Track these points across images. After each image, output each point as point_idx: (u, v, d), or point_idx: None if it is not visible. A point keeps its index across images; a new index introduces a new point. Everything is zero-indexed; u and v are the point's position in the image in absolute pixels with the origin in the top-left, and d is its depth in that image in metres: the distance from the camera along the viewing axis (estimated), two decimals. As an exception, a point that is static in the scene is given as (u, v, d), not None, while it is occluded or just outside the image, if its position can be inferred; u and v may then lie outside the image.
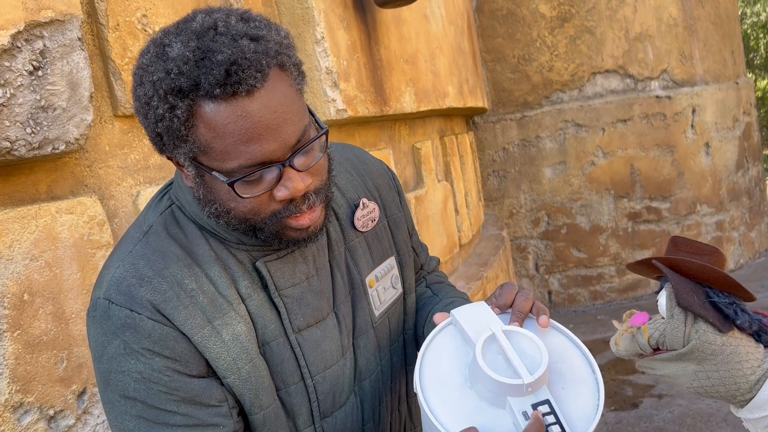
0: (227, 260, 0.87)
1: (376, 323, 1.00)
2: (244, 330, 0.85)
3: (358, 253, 0.99)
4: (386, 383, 1.04)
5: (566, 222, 5.50)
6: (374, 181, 1.07)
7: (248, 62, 0.73)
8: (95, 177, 1.47)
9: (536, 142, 5.48)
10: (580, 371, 0.85)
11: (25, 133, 1.21)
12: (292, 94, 0.79)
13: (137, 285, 0.81)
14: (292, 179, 0.79)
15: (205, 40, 0.74)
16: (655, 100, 5.30)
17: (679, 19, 5.36)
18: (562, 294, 5.62)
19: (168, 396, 0.81)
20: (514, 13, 5.41)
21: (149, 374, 0.80)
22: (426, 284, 1.18)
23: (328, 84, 2.32)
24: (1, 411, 1.17)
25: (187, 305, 0.82)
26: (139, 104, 0.79)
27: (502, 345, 0.82)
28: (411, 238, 1.14)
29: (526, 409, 0.77)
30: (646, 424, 3.37)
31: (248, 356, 0.85)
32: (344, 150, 1.10)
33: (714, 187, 5.55)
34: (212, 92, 0.73)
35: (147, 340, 0.79)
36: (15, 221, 1.24)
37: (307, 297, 0.91)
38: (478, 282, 3.47)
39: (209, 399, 0.83)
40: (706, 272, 0.91)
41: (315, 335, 0.91)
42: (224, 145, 0.75)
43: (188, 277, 0.83)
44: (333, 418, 0.94)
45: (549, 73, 5.39)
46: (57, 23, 1.29)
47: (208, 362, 0.83)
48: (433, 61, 3.39)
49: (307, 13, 2.28)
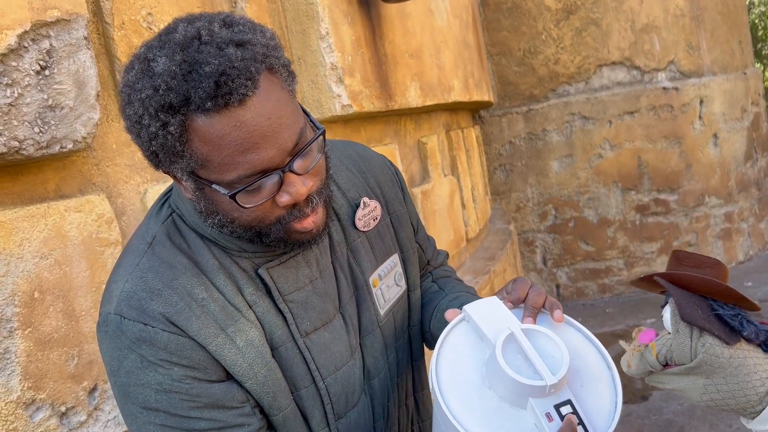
0: (231, 268, 0.86)
1: (382, 322, 1.00)
2: (257, 335, 0.85)
3: (360, 253, 0.99)
4: (393, 380, 1.04)
5: (574, 215, 5.48)
6: (376, 178, 1.06)
7: (237, 71, 0.71)
8: (103, 175, 1.48)
9: (543, 136, 5.46)
10: (596, 368, 0.84)
11: (33, 133, 1.22)
12: (284, 97, 0.78)
13: (148, 299, 0.81)
14: (294, 184, 0.78)
15: (190, 52, 0.72)
16: (662, 92, 5.27)
17: (685, 10, 5.32)
18: (570, 287, 5.60)
19: (191, 403, 0.81)
20: (519, 6, 5.38)
21: (170, 384, 0.80)
22: (432, 279, 1.17)
23: (333, 79, 2.32)
24: (13, 408, 1.18)
25: (200, 315, 0.82)
26: (130, 123, 0.77)
27: (523, 345, 0.80)
28: (416, 233, 1.13)
29: (549, 410, 0.76)
30: (656, 417, 3.36)
31: (263, 360, 0.85)
32: (345, 147, 1.09)
33: (722, 179, 5.51)
34: (204, 106, 0.71)
35: (164, 352, 0.80)
36: (24, 220, 1.25)
37: (312, 300, 0.91)
38: (486, 276, 3.47)
39: (231, 401, 0.83)
40: (709, 285, 0.91)
41: (323, 338, 0.91)
42: (222, 157, 0.74)
43: (198, 286, 0.83)
44: (347, 418, 0.94)
45: (555, 65, 5.37)
46: (63, 22, 1.29)
47: (226, 368, 0.84)
48: (438, 56, 3.38)
49: (311, 9, 2.28)
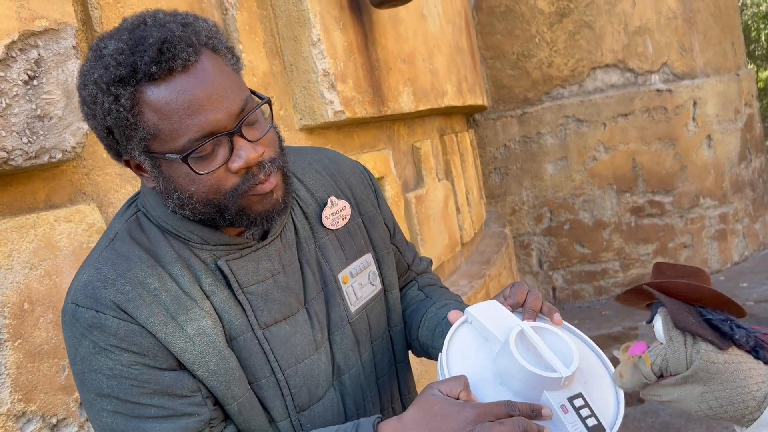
0: (189, 260, 0.89)
1: (353, 319, 1.02)
2: (210, 324, 0.87)
3: (328, 250, 1.01)
4: (369, 378, 1.04)
5: (569, 218, 5.48)
6: (346, 180, 1.09)
7: (179, 39, 0.78)
8: (93, 185, 1.47)
9: (537, 138, 5.47)
10: (595, 367, 0.87)
11: (22, 143, 1.21)
12: (228, 71, 0.83)
13: (101, 287, 0.84)
14: (244, 148, 0.81)
15: (136, 33, 0.79)
16: (655, 94, 5.28)
17: (678, 12, 5.34)
18: (566, 290, 5.60)
19: (140, 389, 0.83)
20: (512, 10, 5.39)
21: (119, 370, 0.83)
22: (418, 287, 1.18)
23: (326, 86, 2.31)
24: (3, 420, 1.17)
25: (150, 304, 0.84)
26: (86, 108, 0.82)
27: (534, 340, 0.83)
28: (393, 236, 1.15)
29: (564, 403, 0.79)
30: (653, 419, 3.36)
31: (216, 349, 0.87)
32: (316, 152, 1.12)
33: (717, 180, 5.53)
34: (149, 71, 0.76)
35: (114, 338, 0.82)
36: (14, 231, 1.24)
37: (273, 293, 0.93)
38: (481, 280, 3.47)
39: (181, 389, 0.85)
40: (697, 291, 0.91)
41: (284, 330, 0.93)
42: (171, 124, 0.78)
43: (151, 277, 0.86)
44: (311, 411, 0.95)
45: (548, 68, 5.38)
46: (51, 32, 1.29)
47: (176, 357, 0.85)
48: (431, 60, 3.38)
49: (302, 16, 2.28)
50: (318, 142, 2.45)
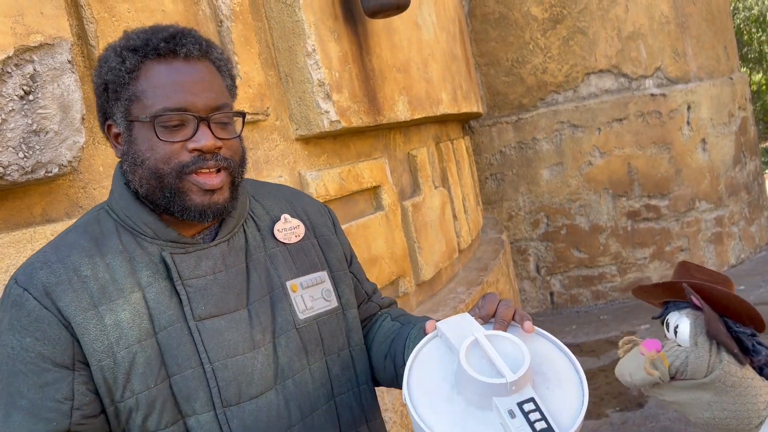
0: (134, 252, 0.94)
1: (300, 325, 1.03)
2: (128, 318, 0.90)
3: (278, 259, 1.06)
4: (320, 390, 1.04)
5: (566, 222, 5.50)
6: (303, 208, 1.16)
7: (191, 36, 0.94)
8: (90, 198, 1.47)
9: (533, 144, 5.48)
10: (564, 372, 0.87)
11: (18, 158, 1.22)
12: (222, 83, 0.97)
13: (39, 268, 0.90)
14: (206, 134, 0.92)
15: (159, 26, 0.96)
16: (649, 98, 5.31)
17: (671, 17, 5.38)
18: (564, 295, 5.61)
19: (23, 377, 0.87)
20: (506, 17, 5.42)
21: (17, 352, 0.87)
22: (391, 318, 1.20)
23: (321, 96, 2.32)
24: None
25: (77, 289, 0.89)
26: (98, 67, 0.96)
27: (485, 348, 0.84)
28: (350, 265, 1.19)
29: (512, 408, 0.79)
30: (653, 424, 3.36)
31: (126, 343, 0.90)
32: (281, 186, 1.21)
33: (712, 183, 5.55)
34: (158, 47, 0.91)
35: (26, 319, 0.87)
36: (10, 245, 1.25)
37: (211, 288, 0.96)
38: (479, 287, 3.47)
39: (55, 393, 0.87)
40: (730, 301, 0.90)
41: (218, 325, 0.95)
42: (155, 92, 0.91)
43: (85, 264, 0.91)
44: (240, 408, 0.95)
45: (543, 74, 5.41)
46: (46, 47, 1.30)
47: (83, 348, 0.88)
48: (426, 69, 3.40)
49: (297, 26, 2.29)
50: (314, 152, 2.46)
